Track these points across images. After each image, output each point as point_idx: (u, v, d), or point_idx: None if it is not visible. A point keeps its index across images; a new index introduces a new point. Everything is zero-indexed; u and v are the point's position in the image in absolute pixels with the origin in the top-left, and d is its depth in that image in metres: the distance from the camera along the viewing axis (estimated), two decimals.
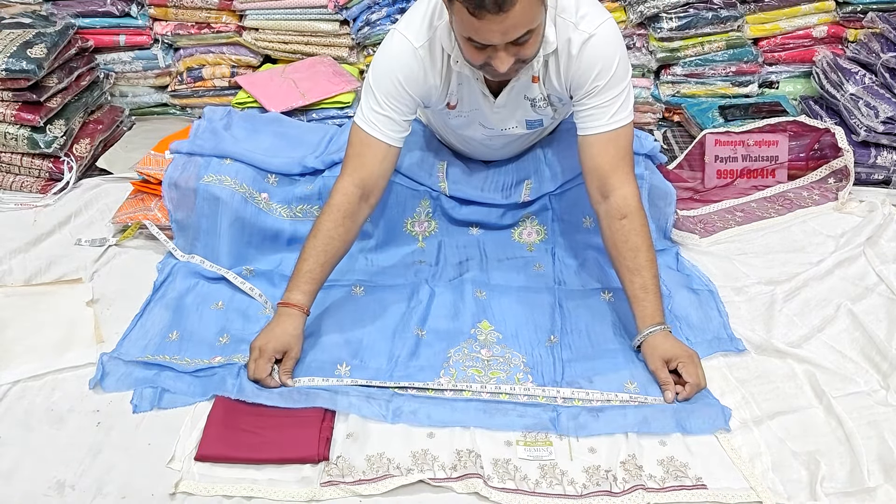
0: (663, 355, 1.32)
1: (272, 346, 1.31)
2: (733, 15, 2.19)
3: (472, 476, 1.16)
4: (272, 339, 1.32)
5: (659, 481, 1.16)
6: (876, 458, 1.18)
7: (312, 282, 1.37)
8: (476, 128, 1.55)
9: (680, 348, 1.34)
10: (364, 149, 1.41)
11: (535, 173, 1.64)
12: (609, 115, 1.37)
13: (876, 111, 1.88)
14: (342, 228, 1.39)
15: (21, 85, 1.90)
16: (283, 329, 1.33)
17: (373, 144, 1.40)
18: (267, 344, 1.31)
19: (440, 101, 1.46)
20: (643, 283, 1.37)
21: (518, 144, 1.67)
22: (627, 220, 1.38)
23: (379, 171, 1.42)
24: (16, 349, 1.42)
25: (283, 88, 2.06)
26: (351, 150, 1.43)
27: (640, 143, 1.59)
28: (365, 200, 1.42)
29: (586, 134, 1.40)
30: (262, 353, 1.30)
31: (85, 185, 2.02)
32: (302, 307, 1.36)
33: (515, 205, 1.64)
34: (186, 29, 2.25)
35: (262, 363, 1.30)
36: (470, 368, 1.37)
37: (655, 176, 1.63)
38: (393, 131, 1.40)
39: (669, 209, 1.67)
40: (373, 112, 1.39)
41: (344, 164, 1.43)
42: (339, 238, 1.40)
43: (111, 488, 1.16)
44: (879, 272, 1.59)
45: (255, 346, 1.32)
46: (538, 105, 1.46)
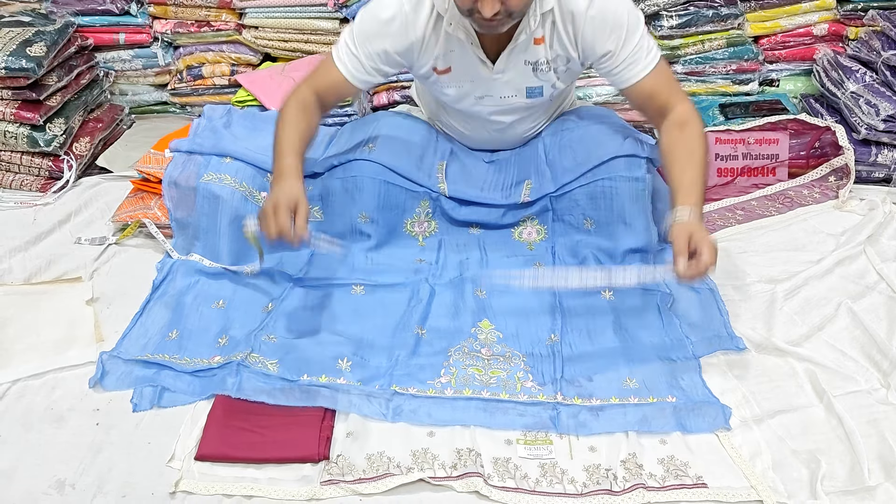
0: (689, 228, 1.28)
1: (284, 199, 1.31)
2: (734, 13, 2.19)
3: (472, 475, 1.16)
4: (281, 194, 1.32)
5: (659, 480, 1.16)
6: (876, 457, 1.18)
7: (295, 152, 1.41)
8: (472, 101, 1.55)
9: (706, 232, 1.28)
10: (326, 74, 1.49)
11: (536, 173, 1.64)
12: (641, 63, 1.43)
13: (877, 109, 1.88)
14: (305, 120, 1.46)
15: (21, 83, 1.90)
16: (288, 185, 1.35)
17: (334, 74, 1.48)
18: (279, 199, 1.31)
19: (425, 61, 1.48)
20: (692, 177, 1.35)
21: (518, 127, 1.65)
22: (687, 127, 1.42)
23: (333, 93, 1.51)
24: (15, 348, 1.43)
25: (283, 87, 2.06)
26: (316, 70, 1.51)
27: (640, 146, 1.59)
28: (318, 107, 1.50)
29: (629, 85, 1.45)
30: (278, 207, 1.30)
31: (85, 183, 2.02)
32: (295, 167, 1.38)
33: (515, 205, 1.64)
34: (186, 27, 2.25)
35: (282, 215, 1.29)
36: (470, 367, 1.37)
37: (656, 178, 1.63)
38: (357, 71, 1.47)
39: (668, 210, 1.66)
40: (346, 47, 1.46)
41: (305, 78, 1.51)
42: (304, 127, 1.45)
43: (111, 487, 1.16)
44: (880, 270, 1.59)
45: (267, 206, 1.32)
46: (540, 69, 1.47)
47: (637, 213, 1.58)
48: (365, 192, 1.61)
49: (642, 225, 1.59)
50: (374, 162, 1.61)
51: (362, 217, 1.63)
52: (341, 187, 1.63)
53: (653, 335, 1.44)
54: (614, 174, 1.57)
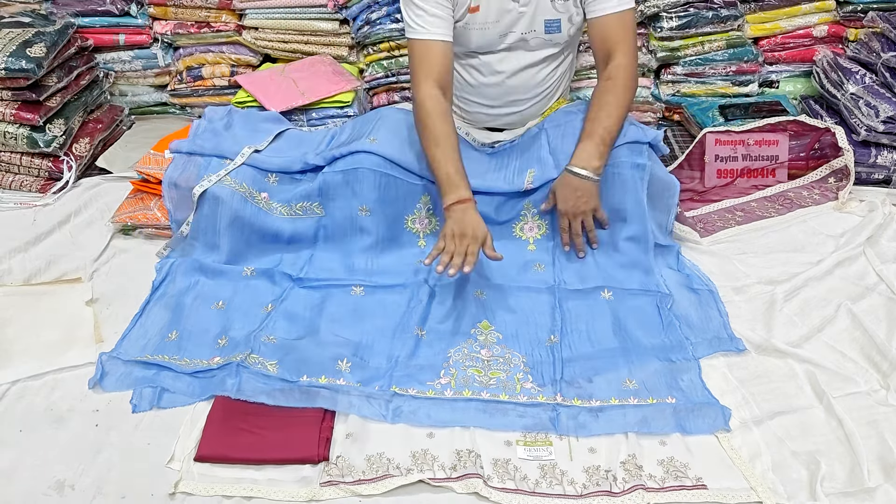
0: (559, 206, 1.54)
1: (479, 232, 1.43)
2: (733, 14, 2.19)
3: (471, 476, 1.16)
4: (474, 226, 1.43)
5: (659, 481, 1.16)
6: (876, 458, 1.18)
7: (463, 177, 1.50)
8: (494, 40, 1.63)
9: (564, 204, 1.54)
10: (425, 55, 1.54)
11: (538, 162, 1.64)
12: (614, 1, 1.56)
13: (876, 110, 1.88)
14: (449, 126, 1.53)
15: (20, 84, 1.90)
16: (476, 219, 1.45)
17: (431, 47, 1.54)
18: (477, 230, 1.43)
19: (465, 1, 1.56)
20: (590, 130, 1.54)
21: (529, 78, 1.71)
22: (611, 82, 1.58)
23: (446, 66, 1.56)
24: (15, 349, 1.42)
25: (282, 87, 2.06)
26: (415, 61, 1.55)
27: (643, 132, 1.60)
28: (445, 96, 1.55)
29: (599, 15, 1.58)
30: (476, 239, 1.42)
31: (84, 184, 2.01)
32: (472, 199, 1.48)
33: (517, 193, 1.64)
34: (186, 28, 2.25)
35: (476, 246, 1.42)
36: (470, 368, 1.37)
37: (658, 166, 1.63)
38: (442, 27, 1.54)
39: (673, 201, 1.66)
40: (418, 18, 1.53)
41: (415, 75, 1.55)
42: (452, 133, 1.52)
43: (111, 488, 1.16)
44: (879, 272, 1.59)
45: (460, 232, 1.42)
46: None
47: (635, 200, 1.59)
48: (365, 185, 1.61)
49: (640, 212, 1.59)
50: (375, 154, 1.61)
51: (362, 210, 1.63)
52: (342, 180, 1.62)
53: (652, 336, 1.44)
54: (617, 160, 1.58)
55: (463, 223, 1.43)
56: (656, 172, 1.61)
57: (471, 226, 1.43)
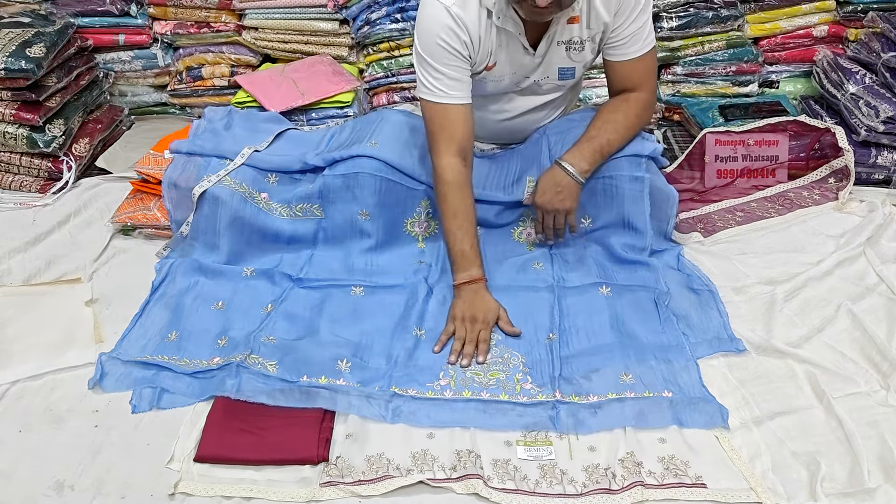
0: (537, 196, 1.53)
1: (490, 316, 1.43)
2: (733, 14, 2.19)
3: (471, 476, 1.16)
4: (485, 309, 1.43)
5: (658, 478, 1.16)
6: (876, 459, 1.18)
7: (478, 254, 1.50)
8: (508, 87, 1.60)
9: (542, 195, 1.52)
10: (445, 119, 1.47)
11: (538, 169, 1.64)
12: (642, 41, 1.50)
13: (876, 111, 1.88)
14: (469, 199, 1.50)
15: (20, 84, 1.90)
16: (488, 301, 1.45)
17: (451, 111, 1.47)
18: (488, 313, 1.43)
19: (483, 59, 1.50)
20: (592, 135, 1.53)
21: (536, 114, 1.69)
22: (626, 104, 1.55)
23: (468, 132, 1.50)
24: (15, 349, 1.42)
25: (282, 88, 2.06)
26: (434, 126, 1.49)
27: (642, 144, 1.59)
28: (466, 165, 1.51)
29: (619, 60, 1.53)
30: (487, 324, 1.42)
31: (84, 184, 2.02)
32: (484, 278, 1.48)
33: (517, 202, 1.64)
34: (186, 28, 2.25)
35: (487, 332, 1.41)
36: (469, 370, 1.37)
37: (658, 178, 1.63)
38: (461, 91, 1.47)
39: (672, 211, 1.67)
40: (436, 81, 1.46)
41: (434, 142, 1.49)
42: (471, 207, 1.51)
43: (110, 488, 1.16)
44: (880, 272, 1.59)
45: (471, 316, 1.42)
46: (573, 49, 1.52)
47: (636, 211, 1.59)
48: (365, 189, 1.61)
49: (640, 223, 1.60)
50: (375, 158, 1.61)
51: (362, 214, 1.63)
52: (343, 184, 1.62)
53: (650, 332, 1.44)
54: (616, 172, 1.58)
55: (474, 306, 1.43)
56: (655, 183, 1.61)
57: (482, 309, 1.43)
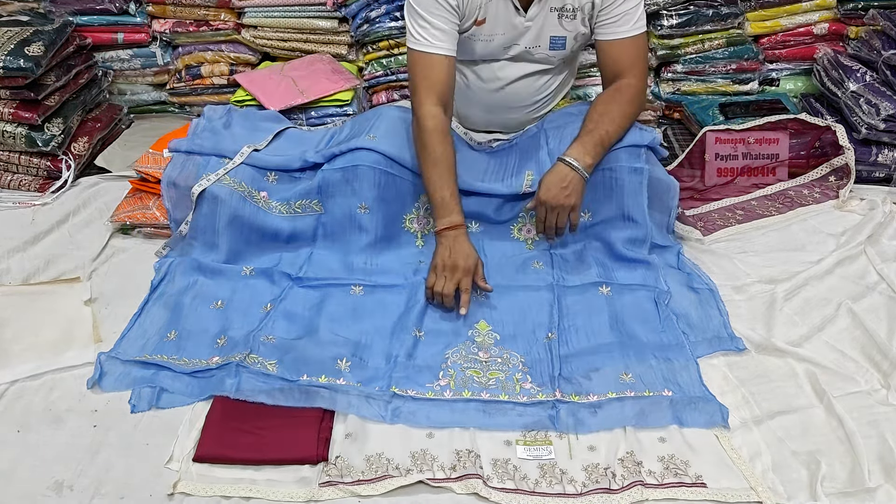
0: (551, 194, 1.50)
1: (470, 263, 1.45)
2: (734, 12, 2.19)
3: (471, 476, 1.16)
4: (465, 255, 1.45)
5: (658, 477, 1.16)
6: (876, 458, 1.18)
7: (458, 201, 1.50)
8: (498, 51, 1.61)
9: (547, 192, 1.49)
10: (429, 69, 1.50)
11: (537, 163, 1.64)
12: (633, 22, 1.53)
13: (877, 109, 1.87)
14: (449, 147, 1.50)
15: (19, 83, 1.89)
16: (467, 248, 1.46)
17: (435, 61, 1.50)
18: (468, 259, 1.45)
19: (472, 12, 1.53)
20: (590, 128, 1.52)
21: (528, 86, 1.70)
22: (619, 93, 1.56)
23: (448, 82, 1.52)
24: (14, 349, 1.42)
25: (281, 86, 2.06)
26: (417, 76, 1.51)
27: (640, 135, 1.60)
28: (446, 114, 1.53)
29: (612, 39, 1.55)
30: (467, 271, 1.44)
31: (83, 183, 2.01)
32: (464, 225, 1.49)
33: (515, 196, 1.64)
34: (185, 26, 2.24)
35: (467, 280, 1.44)
36: (468, 369, 1.36)
37: (657, 168, 1.63)
38: (446, 42, 1.50)
39: (673, 202, 1.67)
40: (422, 31, 1.49)
41: (416, 91, 1.51)
42: (451, 155, 1.51)
43: (109, 488, 1.16)
44: (880, 271, 1.59)
45: (451, 264, 1.44)
46: (566, 16, 1.55)
47: (635, 203, 1.59)
48: (364, 182, 1.61)
49: (639, 215, 1.59)
50: (374, 151, 1.61)
51: (361, 208, 1.63)
52: (342, 177, 1.62)
53: (650, 331, 1.44)
54: (615, 164, 1.57)
55: (454, 252, 1.45)
56: (656, 174, 1.61)
57: (462, 255, 1.45)
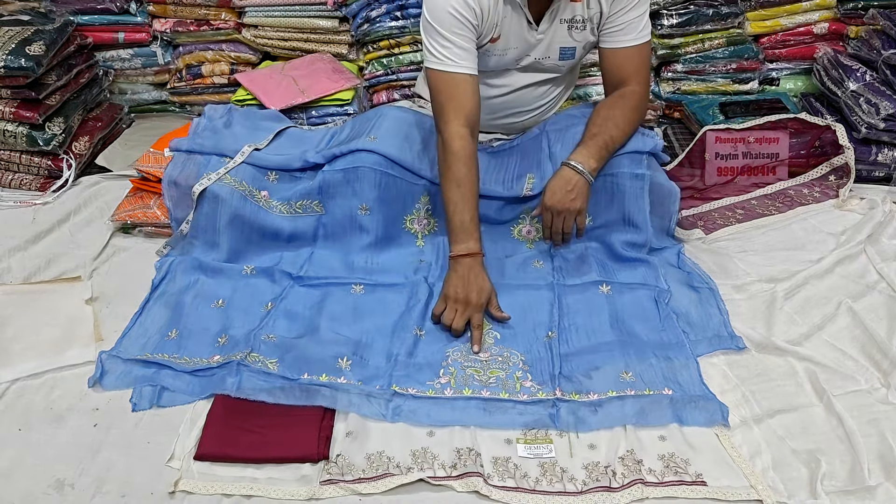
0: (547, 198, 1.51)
1: (483, 298, 1.42)
2: (734, 12, 2.19)
3: (472, 474, 1.16)
4: (478, 291, 1.42)
5: (658, 476, 1.16)
6: (876, 457, 1.18)
7: (477, 227, 1.47)
8: (510, 64, 1.61)
9: (552, 196, 1.50)
10: (454, 89, 1.46)
11: (538, 167, 1.64)
12: (638, 30, 1.53)
13: (877, 108, 1.87)
14: (474, 171, 1.47)
15: (20, 82, 1.90)
16: (481, 280, 1.44)
17: (460, 81, 1.46)
18: (482, 293, 1.42)
19: (488, 31, 1.51)
20: (594, 133, 1.52)
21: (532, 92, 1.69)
22: (622, 100, 1.56)
23: (475, 102, 1.49)
24: (15, 347, 1.42)
25: (282, 86, 2.06)
26: (442, 97, 1.47)
27: (643, 141, 1.59)
28: (474, 136, 1.49)
29: (612, 48, 1.55)
30: (478, 307, 1.41)
31: (84, 182, 2.01)
32: (481, 253, 1.46)
33: (516, 199, 1.64)
34: (185, 26, 2.24)
35: (479, 317, 1.41)
36: (469, 368, 1.37)
37: (659, 174, 1.63)
38: (469, 61, 1.47)
39: (674, 207, 1.67)
40: (444, 49, 1.45)
41: (442, 112, 1.47)
42: (475, 179, 1.48)
43: (110, 487, 1.16)
44: (880, 270, 1.59)
45: (464, 297, 1.41)
46: (576, 27, 1.55)
47: (637, 208, 1.59)
48: (365, 183, 1.61)
49: (641, 220, 1.60)
50: (375, 152, 1.61)
51: (362, 209, 1.63)
52: (342, 178, 1.62)
53: (650, 330, 1.44)
54: (617, 170, 1.57)
55: (468, 284, 1.42)
56: (657, 179, 1.61)
57: (475, 288, 1.42)
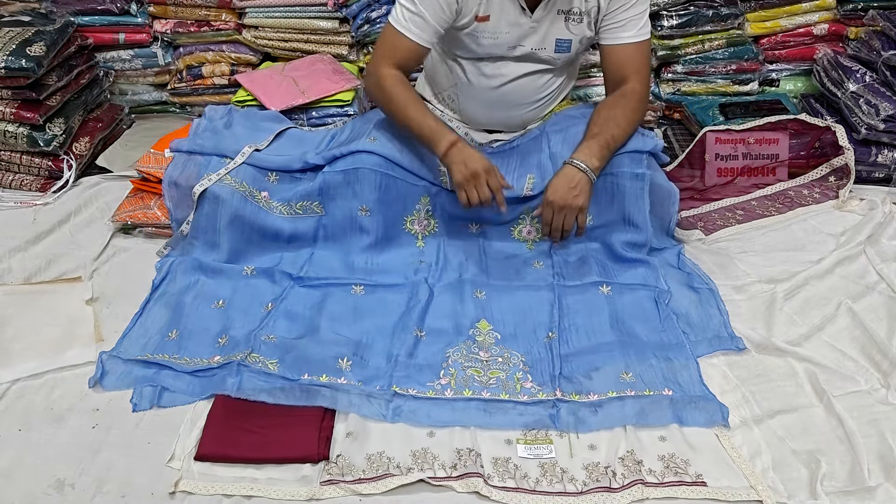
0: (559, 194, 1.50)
1: (487, 163, 1.47)
2: (734, 13, 2.19)
3: (472, 475, 1.16)
4: (478, 160, 1.47)
5: (658, 476, 1.16)
6: (876, 457, 1.18)
7: (445, 124, 1.54)
8: (503, 51, 1.60)
9: (555, 193, 1.50)
10: (397, 48, 1.53)
11: (538, 167, 1.64)
12: (638, 28, 1.55)
13: (876, 109, 1.88)
14: (414, 92, 1.59)
15: (20, 83, 1.90)
16: (476, 154, 1.48)
17: (406, 44, 1.52)
18: (476, 168, 1.46)
19: (472, 7, 1.53)
20: (596, 132, 1.53)
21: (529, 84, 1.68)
22: (623, 99, 1.57)
23: (410, 65, 1.57)
24: (15, 348, 1.42)
25: (282, 86, 2.06)
26: (385, 47, 1.55)
27: (643, 141, 1.60)
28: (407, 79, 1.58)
29: (616, 44, 1.57)
30: (489, 171, 1.47)
31: (84, 183, 2.01)
32: (461, 139, 1.51)
33: (517, 199, 1.64)
34: (186, 27, 2.25)
35: (494, 178, 1.47)
36: (469, 369, 1.37)
37: (659, 175, 1.63)
38: (425, 32, 1.51)
39: (673, 208, 1.67)
40: (407, 12, 1.50)
41: (376, 56, 1.56)
42: (418, 96, 1.59)
43: (111, 487, 1.16)
44: (880, 270, 1.59)
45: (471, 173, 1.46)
46: (573, 19, 1.56)
47: (637, 208, 1.59)
48: (365, 184, 1.61)
49: (641, 220, 1.60)
50: (375, 153, 1.61)
51: (362, 210, 1.63)
52: (343, 180, 1.62)
53: (650, 331, 1.44)
54: (617, 170, 1.58)
55: (468, 161, 1.47)
56: (657, 180, 1.62)
57: (476, 160, 1.47)
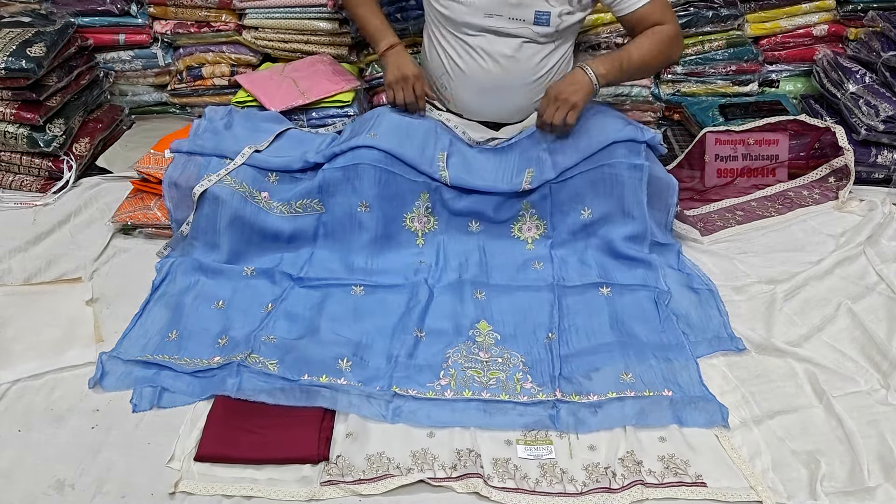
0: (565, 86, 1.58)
1: (417, 70, 1.68)
2: (733, 13, 2.19)
3: (472, 476, 1.16)
4: (409, 66, 1.68)
5: (658, 477, 1.17)
6: (876, 458, 1.18)
7: (389, 26, 1.75)
8: (480, 17, 1.65)
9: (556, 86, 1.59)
10: None
11: (537, 162, 1.64)
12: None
13: (876, 110, 1.88)
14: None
15: (20, 84, 1.90)
16: (408, 59, 1.70)
17: None
18: (405, 73, 1.67)
19: None
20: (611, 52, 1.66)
21: (520, 64, 1.70)
22: (651, 32, 1.63)
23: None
24: (15, 348, 1.42)
25: (282, 87, 2.06)
26: None
27: (640, 132, 1.61)
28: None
29: (629, 13, 1.64)
30: (417, 77, 1.68)
31: (84, 184, 2.01)
32: (400, 43, 1.72)
33: (515, 193, 1.64)
34: (186, 27, 2.24)
35: (420, 84, 1.69)
36: (469, 369, 1.37)
37: (657, 166, 1.63)
38: None
39: (672, 200, 1.68)
40: None
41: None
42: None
43: (111, 487, 1.16)
44: (880, 271, 1.59)
45: (401, 76, 1.68)
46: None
47: (634, 199, 1.60)
48: (365, 180, 1.61)
49: (639, 212, 1.60)
50: (375, 148, 1.61)
51: (362, 206, 1.63)
52: (342, 176, 1.63)
53: (650, 331, 1.44)
54: (615, 160, 1.58)
55: (401, 66, 1.68)
56: (655, 172, 1.62)
57: (406, 66, 1.68)
